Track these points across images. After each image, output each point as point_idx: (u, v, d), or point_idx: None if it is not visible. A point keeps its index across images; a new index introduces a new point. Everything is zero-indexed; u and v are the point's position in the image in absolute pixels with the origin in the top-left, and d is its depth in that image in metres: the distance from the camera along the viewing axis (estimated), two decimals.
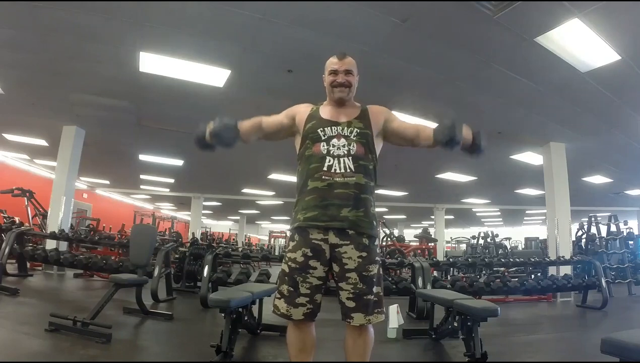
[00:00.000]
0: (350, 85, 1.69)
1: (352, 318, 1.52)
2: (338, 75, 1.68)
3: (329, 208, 1.54)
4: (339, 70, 1.69)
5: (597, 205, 11.51)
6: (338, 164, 1.57)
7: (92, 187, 13.92)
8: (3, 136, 7.93)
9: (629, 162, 7.62)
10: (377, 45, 3.73)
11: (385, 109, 1.78)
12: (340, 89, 1.68)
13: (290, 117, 1.75)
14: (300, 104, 1.80)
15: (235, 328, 2.39)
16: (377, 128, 1.69)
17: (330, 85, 1.70)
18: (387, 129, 1.71)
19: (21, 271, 5.38)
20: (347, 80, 1.68)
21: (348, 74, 1.69)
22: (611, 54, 3.61)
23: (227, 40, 3.79)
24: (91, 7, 3.31)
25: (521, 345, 3.16)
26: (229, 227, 25.91)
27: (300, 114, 1.73)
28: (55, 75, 4.77)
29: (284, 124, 1.75)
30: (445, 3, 3.06)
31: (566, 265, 5.86)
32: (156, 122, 6.33)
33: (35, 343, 2.44)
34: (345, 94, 1.68)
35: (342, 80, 1.67)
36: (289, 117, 1.75)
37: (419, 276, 4.25)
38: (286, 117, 1.76)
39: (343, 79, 1.67)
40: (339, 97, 1.68)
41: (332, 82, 1.69)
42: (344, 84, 1.67)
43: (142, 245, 3.57)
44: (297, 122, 1.73)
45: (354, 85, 1.72)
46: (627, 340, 1.39)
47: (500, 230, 15.21)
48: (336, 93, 1.68)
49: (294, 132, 1.76)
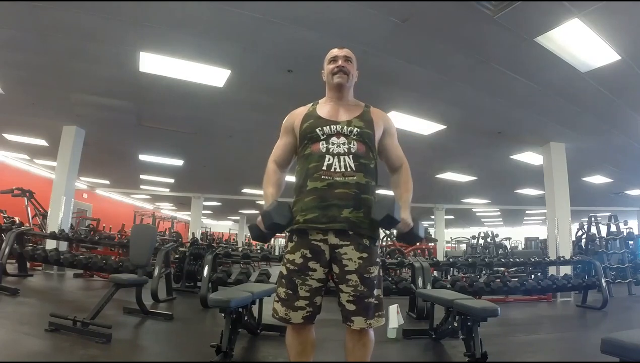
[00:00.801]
0: (349, 72, 1.67)
1: (353, 322, 1.49)
2: (338, 60, 1.67)
3: (330, 209, 1.50)
4: (338, 55, 1.68)
5: (597, 205, 11.51)
6: (338, 162, 1.53)
7: (92, 187, 13.92)
8: (3, 136, 7.93)
9: (629, 162, 7.62)
10: (377, 45, 3.73)
11: (388, 117, 1.75)
12: (339, 75, 1.65)
13: (289, 131, 1.70)
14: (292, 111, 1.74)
15: (235, 328, 2.38)
16: (377, 132, 1.65)
17: (330, 72, 1.67)
18: (381, 140, 1.68)
19: (21, 271, 5.38)
20: (347, 66, 1.66)
21: (347, 60, 1.68)
22: (611, 54, 3.61)
23: (227, 40, 3.79)
24: (91, 7, 3.31)
25: (521, 345, 3.16)
26: (229, 227, 25.90)
27: (295, 119, 1.68)
28: (55, 75, 4.77)
29: (290, 144, 1.70)
30: (445, 3, 3.06)
31: (566, 265, 5.86)
32: (156, 122, 6.33)
33: (35, 343, 2.44)
34: (344, 80, 1.65)
35: (342, 65, 1.65)
36: (288, 132, 1.71)
37: (419, 276, 4.25)
38: (287, 135, 1.71)
39: (343, 63, 1.66)
40: (338, 82, 1.65)
41: (332, 70, 1.66)
42: (343, 69, 1.65)
43: (142, 245, 3.57)
44: (295, 128, 1.68)
45: (353, 74, 1.70)
46: (627, 340, 1.39)
47: (500, 230, 15.21)
48: (335, 79, 1.65)
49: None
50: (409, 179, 1.71)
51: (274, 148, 1.75)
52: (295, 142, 1.69)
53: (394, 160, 1.72)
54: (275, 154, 1.73)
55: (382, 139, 1.68)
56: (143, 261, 3.47)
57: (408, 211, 1.61)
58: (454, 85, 4.54)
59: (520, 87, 4.47)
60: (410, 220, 1.58)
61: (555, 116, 5.38)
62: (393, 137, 1.72)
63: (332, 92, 1.70)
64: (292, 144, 1.71)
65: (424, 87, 4.63)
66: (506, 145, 6.75)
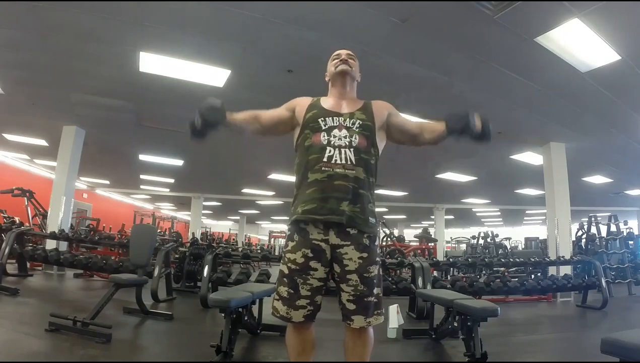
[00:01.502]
0: (352, 67, 1.70)
1: (353, 321, 1.51)
2: (341, 55, 1.71)
3: (329, 201, 1.50)
4: (341, 53, 1.72)
5: (597, 205, 11.51)
6: (339, 154, 1.53)
7: (92, 187, 13.92)
8: (3, 136, 7.93)
9: (629, 162, 7.62)
10: (377, 45, 3.73)
11: (389, 104, 1.76)
12: (343, 64, 1.68)
13: (290, 108, 1.72)
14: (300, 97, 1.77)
15: (235, 328, 2.39)
16: (380, 121, 1.65)
17: (333, 66, 1.71)
18: (390, 123, 1.69)
19: (21, 271, 5.37)
20: (350, 61, 1.70)
21: (350, 57, 1.71)
22: (611, 54, 3.61)
23: (227, 40, 3.79)
24: (91, 7, 3.31)
25: (521, 345, 3.16)
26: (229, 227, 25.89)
27: (300, 105, 1.70)
28: (55, 75, 4.77)
29: (284, 116, 1.71)
30: (445, 3, 3.06)
31: (566, 265, 5.86)
32: (156, 122, 6.33)
33: (35, 343, 2.44)
34: (347, 68, 1.68)
35: (345, 58, 1.69)
36: (289, 109, 1.72)
37: (419, 276, 4.25)
38: (286, 109, 1.73)
39: (346, 57, 1.70)
40: (342, 69, 1.67)
41: (335, 64, 1.70)
42: (347, 61, 1.69)
43: (142, 245, 3.57)
44: (297, 113, 1.69)
45: (356, 70, 1.73)
46: (627, 340, 1.39)
47: (500, 230, 15.21)
48: (339, 67, 1.68)
49: (294, 124, 1.71)
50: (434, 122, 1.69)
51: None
52: (288, 119, 1.71)
53: (410, 127, 1.71)
54: (265, 111, 1.72)
55: (390, 123, 1.69)
56: (143, 261, 3.47)
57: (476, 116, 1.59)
58: (454, 85, 4.54)
59: (520, 87, 4.47)
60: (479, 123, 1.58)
61: (555, 116, 5.38)
62: (400, 115, 1.74)
63: (336, 88, 1.72)
64: (284, 117, 1.71)
65: (424, 87, 4.63)
66: (506, 145, 6.74)
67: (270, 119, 1.71)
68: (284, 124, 1.72)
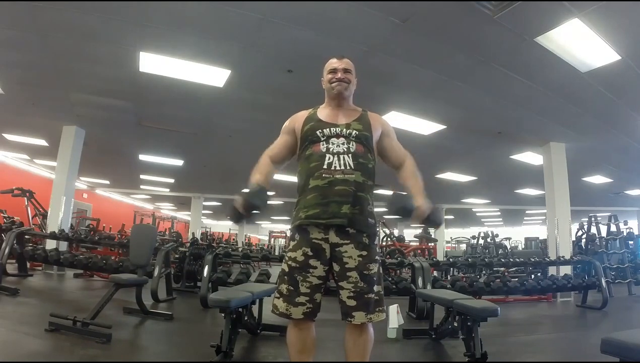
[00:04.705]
0: (349, 81, 1.73)
1: (354, 317, 1.52)
2: (337, 72, 1.72)
3: (330, 205, 1.55)
4: (338, 68, 1.73)
5: (597, 205, 11.50)
6: (338, 161, 1.59)
7: (92, 187, 13.92)
8: (3, 136, 7.93)
9: (629, 162, 7.62)
10: (377, 45, 3.73)
11: (385, 120, 1.82)
12: (339, 84, 1.71)
13: (289, 131, 1.77)
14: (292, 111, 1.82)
15: (235, 328, 2.38)
16: (376, 135, 1.72)
17: (329, 82, 1.73)
18: (380, 142, 1.74)
19: (21, 271, 5.37)
20: (346, 77, 1.72)
21: (347, 72, 1.73)
22: (611, 54, 3.61)
23: (227, 40, 3.79)
24: (91, 7, 3.31)
25: (521, 345, 3.16)
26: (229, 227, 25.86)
27: (297, 121, 1.75)
28: (55, 75, 4.77)
29: (289, 142, 1.76)
30: (445, 3, 3.06)
31: (566, 265, 5.85)
32: (156, 122, 6.33)
33: (35, 343, 2.44)
34: (343, 88, 1.71)
35: (342, 77, 1.71)
36: (289, 132, 1.77)
37: (419, 276, 4.25)
38: (287, 134, 1.77)
39: (342, 75, 1.71)
40: (338, 90, 1.71)
41: (330, 79, 1.72)
42: (344, 80, 1.71)
43: (142, 245, 3.57)
44: (296, 129, 1.74)
45: (352, 83, 1.75)
46: (627, 340, 1.39)
47: (500, 230, 15.19)
48: (335, 88, 1.71)
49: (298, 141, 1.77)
50: (414, 169, 1.74)
51: (272, 145, 1.80)
52: (293, 142, 1.75)
53: (394, 159, 1.77)
54: (271, 148, 1.78)
55: (380, 141, 1.75)
56: (143, 261, 3.47)
57: (422, 198, 1.62)
58: (454, 85, 4.54)
59: (520, 87, 4.47)
60: (425, 207, 1.60)
61: (555, 116, 5.38)
62: (391, 138, 1.78)
63: (332, 100, 1.76)
64: (290, 142, 1.76)
65: (424, 87, 4.63)
66: (506, 145, 6.75)
67: (279, 153, 1.77)
68: (292, 148, 1.77)
